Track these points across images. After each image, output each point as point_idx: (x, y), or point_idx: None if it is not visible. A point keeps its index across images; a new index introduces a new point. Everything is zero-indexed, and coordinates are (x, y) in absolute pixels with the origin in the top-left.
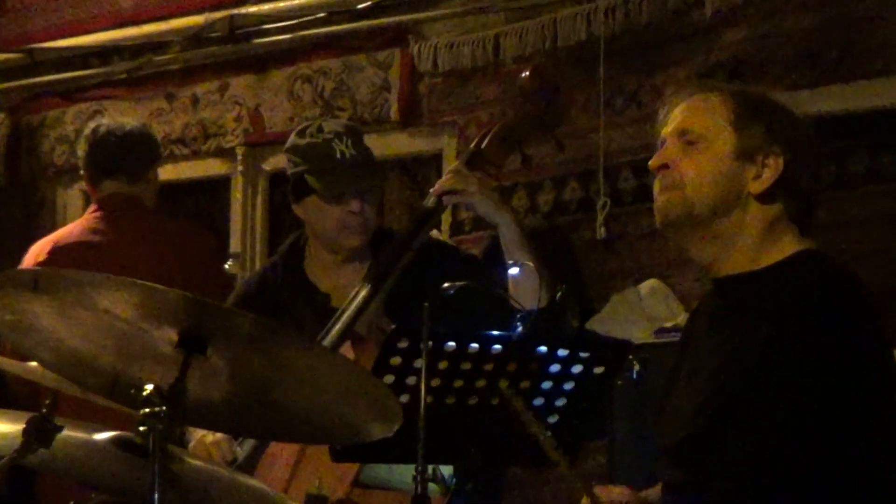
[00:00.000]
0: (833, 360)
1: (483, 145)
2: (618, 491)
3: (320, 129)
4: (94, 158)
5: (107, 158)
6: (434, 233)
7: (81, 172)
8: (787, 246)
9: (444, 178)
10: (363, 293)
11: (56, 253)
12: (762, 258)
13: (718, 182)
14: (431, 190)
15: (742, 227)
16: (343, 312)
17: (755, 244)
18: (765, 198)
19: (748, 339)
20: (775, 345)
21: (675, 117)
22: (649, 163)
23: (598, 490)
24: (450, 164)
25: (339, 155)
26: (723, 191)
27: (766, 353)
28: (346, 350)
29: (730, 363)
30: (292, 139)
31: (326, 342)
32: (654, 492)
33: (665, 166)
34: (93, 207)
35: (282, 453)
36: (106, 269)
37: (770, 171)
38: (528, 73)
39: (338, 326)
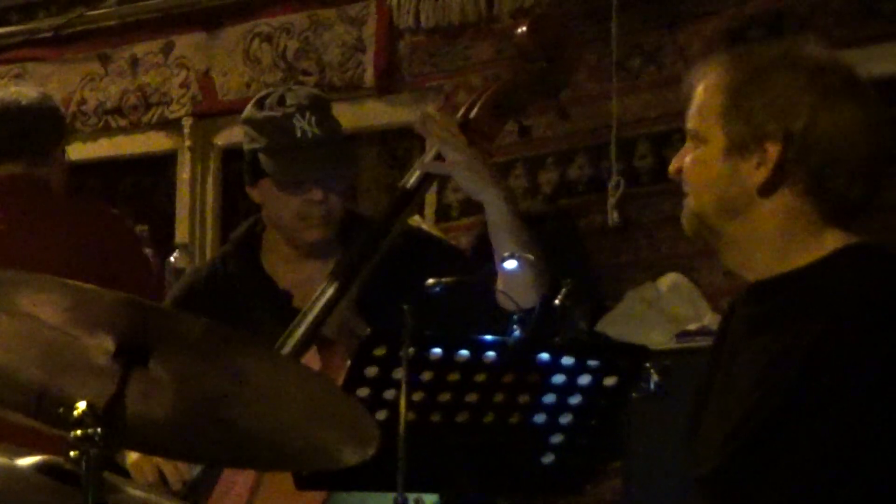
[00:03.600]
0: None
1: (472, 114)
2: None
3: (282, 101)
4: None
5: (2, 138)
6: (416, 220)
7: None
8: (828, 243)
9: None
10: (331, 290)
11: None
12: (793, 258)
13: (715, 186)
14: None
15: (757, 229)
16: (307, 313)
17: (779, 244)
18: (768, 190)
19: (791, 345)
20: (823, 351)
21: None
22: (669, 169)
23: None
24: None
25: (299, 133)
26: (722, 194)
27: (811, 362)
28: (311, 358)
29: (767, 376)
30: (250, 109)
31: (287, 349)
32: None
33: (679, 170)
34: None
35: (237, 478)
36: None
37: (770, 157)
38: (525, 27)
39: (301, 329)
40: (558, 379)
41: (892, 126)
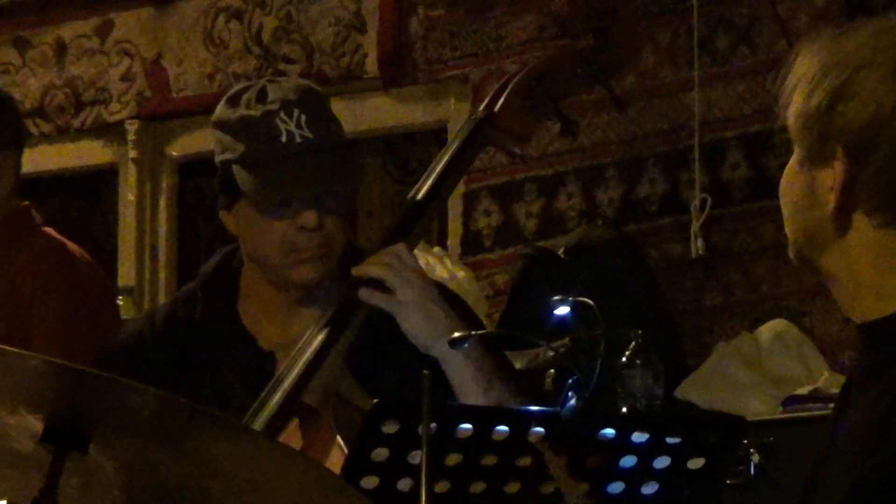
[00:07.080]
0: None
1: (497, 107)
2: None
3: (262, 96)
4: None
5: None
6: (436, 253)
7: None
8: None
9: (374, 258)
10: (315, 342)
11: None
12: (893, 295)
13: (797, 208)
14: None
15: (851, 264)
16: (285, 375)
17: (879, 282)
18: (843, 221)
19: (888, 411)
20: None
21: None
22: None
23: None
24: None
25: (284, 137)
26: (805, 219)
27: None
28: (292, 434)
29: (873, 442)
30: (221, 109)
31: (259, 422)
32: None
33: None
34: None
35: None
36: None
37: (836, 176)
38: None
39: (277, 396)
40: (628, 461)
41: None
